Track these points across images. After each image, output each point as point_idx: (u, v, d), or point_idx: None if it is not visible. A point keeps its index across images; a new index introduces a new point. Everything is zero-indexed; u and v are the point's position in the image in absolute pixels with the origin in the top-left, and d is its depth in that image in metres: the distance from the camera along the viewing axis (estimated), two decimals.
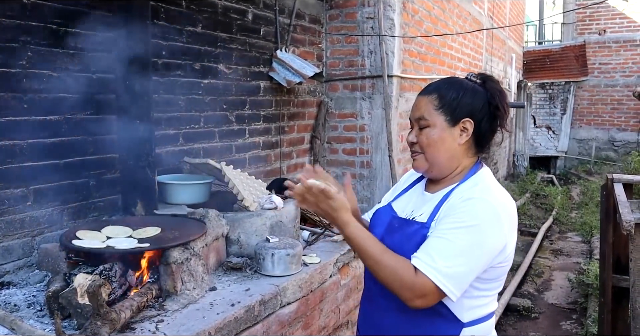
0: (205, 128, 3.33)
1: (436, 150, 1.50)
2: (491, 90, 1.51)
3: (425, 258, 1.35)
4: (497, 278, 1.48)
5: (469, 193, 1.43)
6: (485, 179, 1.50)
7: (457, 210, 1.40)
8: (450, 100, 1.49)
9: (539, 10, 15.37)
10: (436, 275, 1.33)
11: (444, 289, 1.33)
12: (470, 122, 1.49)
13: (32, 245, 2.36)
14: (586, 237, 7.00)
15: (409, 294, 1.35)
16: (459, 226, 1.37)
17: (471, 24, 6.80)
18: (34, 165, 2.35)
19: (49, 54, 2.39)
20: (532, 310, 4.63)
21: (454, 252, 1.35)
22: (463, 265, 1.35)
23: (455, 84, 1.53)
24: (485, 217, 1.38)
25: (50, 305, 1.89)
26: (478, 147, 1.54)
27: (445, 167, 1.52)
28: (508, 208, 1.44)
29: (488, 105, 1.50)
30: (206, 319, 1.95)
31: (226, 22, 3.46)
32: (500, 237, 1.39)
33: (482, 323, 1.49)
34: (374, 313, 1.59)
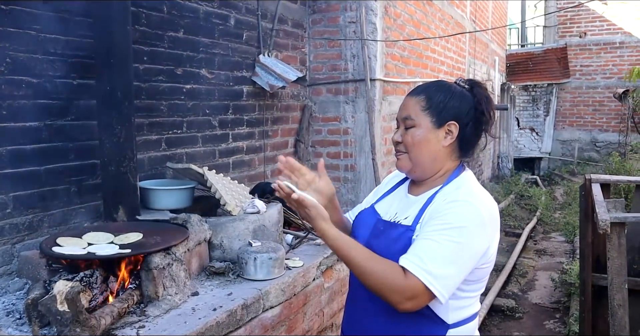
0: (188, 133, 3.33)
1: (420, 150, 1.51)
2: (478, 96, 1.53)
3: (414, 260, 1.36)
4: (480, 279, 1.50)
5: (454, 196, 1.45)
6: (468, 182, 1.52)
7: (442, 213, 1.42)
8: (437, 102, 1.50)
9: (521, 13, 15.55)
10: (426, 277, 1.33)
11: (434, 291, 1.34)
12: (456, 125, 1.50)
13: (12, 253, 2.34)
14: (569, 237, 7.08)
15: (399, 297, 1.35)
16: (446, 228, 1.38)
17: (454, 27, 6.87)
18: (13, 171, 2.33)
19: (28, 60, 2.38)
20: (516, 310, 4.67)
21: (443, 253, 1.36)
22: (451, 266, 1.36)
23: (443, 87, 1.55)
24: (470, 220, 1.39)
25: (29, 313, 1.88)
26: (462, 151, 1.55)
27: (428, 168, 1.53)
28: (491, 210, 1.46)
29: (474, 110, 1.52)
30: (188, 324, 1.95)
31: (208, 27, 3.47)
32: (484, 239, 1.41)
33: (467, 324, 1.51)
34: (359, 316, 1.59)
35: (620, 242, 2.79)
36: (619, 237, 2.79)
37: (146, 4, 2.98)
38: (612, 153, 8.89)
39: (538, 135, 12.83)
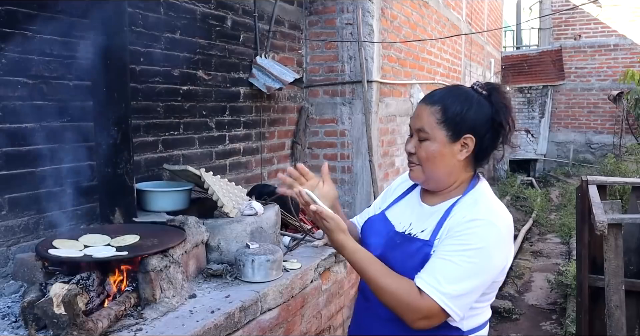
0: (185, 135, 3.32)
1: (434, 165, 1.46)
2: (497, 105, 1.45)
3: (431, 281, 1.34)
4: (494, 289, 1.50)
5: (474, 214, 1.40)
6: (486, 195, 1.48)
7: (462, 232, 1.38)
8: (453, 114, 1.43)
9: (516, 16, 15.62)
10: (442, 299, 1.33)
11: (449, 311, 1.34)
12: (472, 139, 1.44)
13: (8, 255, 2.32)
14: (565, 238, 7.10)
15: (414, 316, 1.35)
16: (466, 249, 1.35)
17: (450, 29, 6.89)
18: (8, 173, 2.31)
19: (23, 61, 2.36)
20: (513, 311, 4.68)
21: (461, 275, 1.34)
22: (468, 287, 1.35)
23: (460, 96, 1.47)
24: (491, 240, 1.37)
25: (25, 316, 1.86)
26: (477, 162, 1.51)
27: (442, 181, 1.50)
28: (509, 226, 1.43)
29: (492, 121, 1.45)
30: (186, 327, 1.94)
31: (205, 28, 3.46)
32: (503, 257, 1.40)
33: (480, 331, 1.51)
34: (370, 323, 1.57)
35: (617, 243, 2.80)
36: (616, 238, 2.80)
37: (143, 4, 2.97)
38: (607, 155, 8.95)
39: (533, 137, 12.87)
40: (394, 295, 1.36)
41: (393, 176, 5.08)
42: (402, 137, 5.27)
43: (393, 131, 5.02)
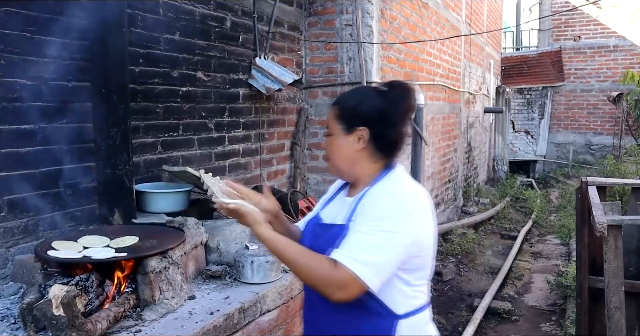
0: (184, 136, 3.32)
1: (335, 157, 1.60)
2: (390, 99, 1.55)
3: (342, 251, 1.41)
4: (420, 267, 1.53)
5: (380, 190, 1.51)
6: (396, 177, 1.57)
7: (369, 206, 1.48)
8: (347, 109, 1.57)
9: (516, 17, 15.63)
10: (353, 264, 1.38)
11: (362, 277, 1.37)
12: (365, 130, 1.54)
13: (7, 257, 2.32)
14: (565, 240, 7.09)
15: (330, 288, 1.39)
16: (372, 219, 1.44)
17: (449, 30, 6.89)
18: (8, 174, 2.31)
19: (23, 62, 2.36)
20: (513, 312, 4.67)
21: (369, 242, 1.41)
22: (378, 254, 1.40)
23: (355, 94, 1.63)
24: (395, 210, 1.45)
25: (24, 317, 1.86)
26: (383, 152, 1.58)
27: (348, 172, 1.60)
28: (418, 201, 1.51)
29: (384, 114, 1.54)
30: (185, 328, 1.94)
31: (204, 29, 3.46)
32: (412, 227, 1.46)
33: (417, 315, 1.55)
34: (314, 317, 1.64)
35: (617, 245, 2.79)
36: (616, 239, 2.79)
37: (142, 6, 2.97)
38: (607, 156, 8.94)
39: (533, 138, 12.88)
40: (310, 270, 1.42)
41: None
42: None
43: None
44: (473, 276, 5.67)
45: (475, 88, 9.02)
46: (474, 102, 8.88)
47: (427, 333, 1.59)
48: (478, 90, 9.24)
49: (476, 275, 5.71)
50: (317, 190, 4.63)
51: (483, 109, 9.69)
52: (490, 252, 6.62)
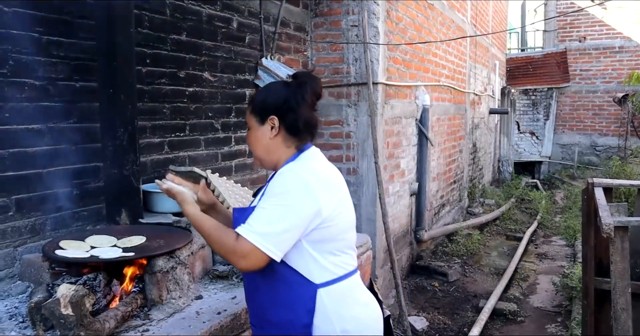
0: (191, 136, 3.33)
1: (255, 147, 1.76)
2: (293, 88, 1.70)
3: (243, 225, 1.57)
4: (329, 239, 1.64)
5: (281, 170, 1.67)
6: (301, 158, 1.71)
7: (271, 185, 1.63)
8: (257, 102, 1.74)
9: (521, 18, 15.60)
10: (251, 235, 1.53)
11: (261, 247, 1.52)
12: (275, 118, 1.70)
13: (14, 256, 2.33)
14: (570, 241, 7.07)
15: (233, 256, 1.56)
16: (270, 195, 1.59)
17: (455, 31, 6.88)
18: (15, 174, 2.33)
19: (31, 63, 2.37)
20: (518, 313, 4.66)
21: (267, 216, 1.55)
22: (276, 225, 1.54)
23: (264, 88, 1.80)
24: (292, 184, 1.58)
25: (32, 316, 1.87)
26: (295, 136, 1.72)
27: (267, 159, 1.76)
28: (318, 174, 1.64)
29: (288, 101, 1.69)
30: (192, 328, 1.94)
31: (211, 30, 3.47)
32: (311, 200, 1.58)
33: (338, 283, 1.66)
34: (248, 297, 1.78)
35: (623, 246, 2.78)
36: (622, 240, 2.78)
37: (149, 6, 2.98)
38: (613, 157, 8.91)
39: (538, 139, 12.84)
40: (219, 242, 1.59)
41: (398, 178, 5.08)
42: (407, 139, 5.27)
43: (398, 133, 5.02)
44: (478, 277, 5.66)
45: (481, 89, 9.00)
46: (479, 103, 8.86)
47: (354, 300, 1.70)
48: (483, 91, 9.23)
49: (481, 276, 5.70)
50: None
51: (488, 110, 9.67)
52: (495, 253, 6.61)
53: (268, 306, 1.68)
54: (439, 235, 6.38)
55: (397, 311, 4.32)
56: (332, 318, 1.63)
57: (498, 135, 11.00)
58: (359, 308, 1.71)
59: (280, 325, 1.65)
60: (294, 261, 1.62)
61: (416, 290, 5.22)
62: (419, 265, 5.63)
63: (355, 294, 1.72)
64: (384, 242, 4.50)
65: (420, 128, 5.53)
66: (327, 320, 1.63)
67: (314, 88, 1.73)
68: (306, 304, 1.62)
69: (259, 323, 1.73)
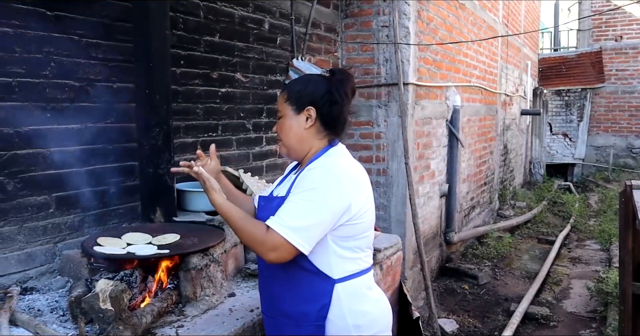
0: (223, 136, 3.37)
1: (287, 135, 1.76)
2: (333, 82, 1.74)
3: (275, 219, 1.59)
4: (354, 236, 1.68)
5: (313, 165, 1.68)
6: (333, 153, 1.74)
7: (302, 179, 1.65)
8: (295, 92, 1.75)
9: (554, 17, 15.30)
10: (282, 228, 1.55)
11: (291, 240, 1.55)
12: (313, 109, 1.72)
13: (54, 252, 2.40)
14: (605, 245, 6.90)
15: (262, 248, 1.58)
16: (302, 190, 1.61)
17: (486, 31, 6.80)
18: (56, 172, 2.40)
19: (72, 65, 2.44)
20: (551, 318, 4.57)
21: (298, 210, 1.58)
22: (307, 220, 1.56)
23: (301, 80, 1.81)
24: (324, 180, 1.61)
25: (72, 310, 1.93)
26: (327, 130, 1.76)
27: (298, 149, 1.77)
28: (349, 172, 1.67)
29: (329, 94, 1.72)
30: (226, 324, 1.97)
31: (243, 31, 3.51)
32: (342, 197, 1.61)
33: (354, 279, 1.70)
34: (263, 286, 1.82)
35: None
36: None
37: (184, 8, 3.03)
38: None
39: (571, 141, 12.57)
40: (247, 233, 1.61)
41: (428, 179, 5.05)
42: (437, 140, 5.23)
43: (429, 134, 4.99)
44: (509, 281, 5.57)
45: (512, 90, 8.87)
46: (510, 103, 8.73)
47: (366, 296, 1.74)
48: (515, 92, 9.09)
49: (512, 280, 5.61)
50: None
51: (520, 111, 9.51)
52: (526, 256, 6.50)
53: (284, 297, 1.72)
54: (469, 238, 6.31)
55: (426, 313, 4.28)
56: (345, 313, 1.67)
57: (530, 136, 10.81)
58: (371, 304, 1.75)
59: (294, 317, 1.69)
60: (316, 256, 1.65)
61: (446, 292, 5.17)
62: (448, 267, 5.58)
63: (368, 290, 1.76)
64: (413, 243, 4.48)
65: (451, 129, 5.48)
66: (340, 314, 1.67)
67: (352, 86, 1.77)
68: (323, 298, 1.67)
69: (272, 313, 1.77)
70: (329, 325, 1.67)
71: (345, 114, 1.77)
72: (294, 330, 1.70)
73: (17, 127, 2.24)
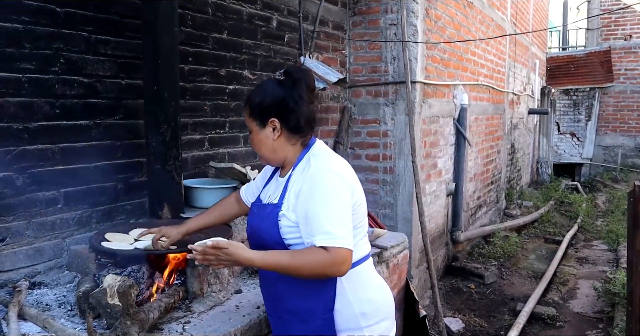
0: (231, 133, 3.38)
1: (259, 149, 1.79)
2: (287, 85, 1.73)
3: (324, 237, 1.57)
4: (357, 224, 1.73)
5: (310, 170, 1.69)
6: (317, 153, 1.75)
7: (311, 186, 1.65)
8: (255, 106, 1.74)
9: (562, 16, 15.22)
10: (340, 242, 1.57)
11: (348, 247, 1.58)
12: (276, 120, 1.73)
13: (62, 247, 2.42)
14: (612, 246, 6.86)
15: (334, 268, 1.58)
16: (322, 197, 1.62)
17: (494, 30, 6.77)
18: (64, 168, 2.41)
19: (80, 61, 2.45)
20: (557, 318, 4.55)
21: (333, 218, 1.59)
22: (345, 222, 1.62)
23: (257, 90, 1.79)
24: (333, 182, 1.65)
25: (80, 305, 1.94)
26: (297, 134, 1.76)
27: (274, 158, 1.79)
28: (342, 166, 1.73)
29: (286, 101, 1.71)
30: (232, 321, 1.97)
31: (251, 28, 3.51)
32: (348, 192, 1.67)
33: (355, 268, 1.72)
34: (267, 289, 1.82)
35: None
36: None
37: (192, 6, 3.04)
38: None
39: (579, 141, 12.50)
40: (310, 266, 1.57)
41: (435, 177, 5.03)
42: (444, 139, 5.21)
43: (436, 132, 4.97)
44: (516, 280, 5.55)
45: (520, 89, 8.83)
46: (518, 102, 8.69)
47: (370, 283, 1.78)
48: (522, 91, 9.04)
49: (519, 279, 5.59)
50: None
51: (527, 110, 9.47)
52: (533, 256, 6.47)
53: (289, 296, 1.73)
54: (476, 237, 6.29)
55: (432, 312, 4.28)
56: (351, 301, 1.70)
57: (537, 135, 10.76)
58: (374, 291, 1.79)
59: (301, 313, 1.71)
60: None
61: (452, 291, 5.16)
62: (454, 266, 5.57)
63: (370, 278, 1.80)
64: (420, 242, 4.47)
65: (458, 127, 5.46)
66: (347, 303, 1.70)
67: (309, 84, 1.76)
68: (328, 291, 1.69)
69: (278, 312, 1.78)
70: (337, 316, 1.69)
71: (309, 114, 1.75)
72: (301, 326, 1.71)
73: (27, 123, 2.25)
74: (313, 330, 1.70)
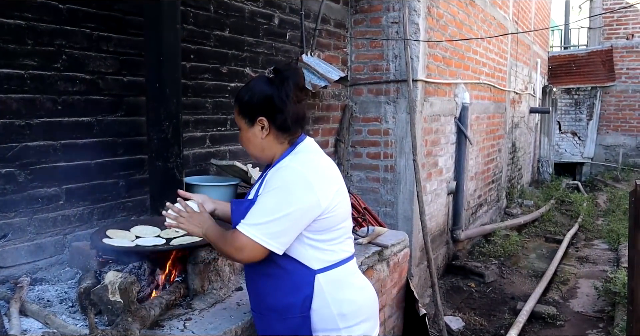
0: (232, 131, 3.38)
1: (248, 148, 1.80)
2: (276, 84, 1.72)
3: (244, 221, 1.63)
4: (328, 228, 1.71)
5: (279, 165, 1.70)
6: (297, 151, 1.75)
7: (269, 180, 1.67)
8: (244, 105, 1.74)
9: (564, 15, 15.18)
10: (246, 229, 1.60)
11: (256, 240, 1.59)
12: (264, 119, 1.72)
13: (64, 243, 2.42)
14: (613, 245, 6.86)
15: (231, 249, 1.64)
16: (268, 191, 1.64)
17: (496, 28, 6.76)
18: (66, 165, 2.41)
19: (82, 58, 2.45)
20: (558, 317, 4.56)
21: (263, 210, 1.61)
22: (273, 219, 1.59)
23: (246, 88, 1.78)
24: (289, 179, 1.63)
25: (82, 301, 1.94)
26: (286, 133, 1.75)
27: (263, 157, 1.80)
28: (317, 167, 1.69)
29: (274, 99, 1.71)
30: (233, 318, 1.98)
31: (253, 26, 3.51)
32: (309, 194, 1.62)
33: (335, 269, 1.73)
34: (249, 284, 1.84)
35: None
36: None
37: (194, 3, 3.04)
38: None
39: (580, 140, 12.49)
40: (220, 243, 1.69)
41: (436, 176, 5.04)
42: (445, 137, 5.21)
43: (437, 131, 4.97)
44: (516, 279, 5.56)
45: (521, 88, 8.82)
46: (519, 101, 8.68)
47: (350, 285, 1.77)
48: (524, 90, 9.04)
49: (519, 278, 5.60)
50: (360, 187, 4.63)
51: (529, 109, 9.46)
52: (534, 255, 6.47)
53: (268, 292, 1.74)
54: (476, 235, 6.30)
55: (432, 310, 4.28)
56: (329, 301, 1.70)
57: (538, 135, 10.75)
58: (355, 292, 1.78)
59: (279, 310, 1.72)
60: (293, 250, 1.68)
61: (452, 290, 5.16)
62: (455, 264, 5.57)
63: (351, 279, 1.79)
64: (420, 240, 4.47)
65: (459, 126, 5.46)
66: (324, 303, 1.70)
67: (297, 82, 1.74)
68: (305, 290, 1.69)
69: (259, 308, 1.79)
70: (314, 315, 1.70)
71: (297, 113, 1.75)
72: (280, 323, 1.73)
73: (29, 119, 2.26)
74: (290, 327, 1.71)
